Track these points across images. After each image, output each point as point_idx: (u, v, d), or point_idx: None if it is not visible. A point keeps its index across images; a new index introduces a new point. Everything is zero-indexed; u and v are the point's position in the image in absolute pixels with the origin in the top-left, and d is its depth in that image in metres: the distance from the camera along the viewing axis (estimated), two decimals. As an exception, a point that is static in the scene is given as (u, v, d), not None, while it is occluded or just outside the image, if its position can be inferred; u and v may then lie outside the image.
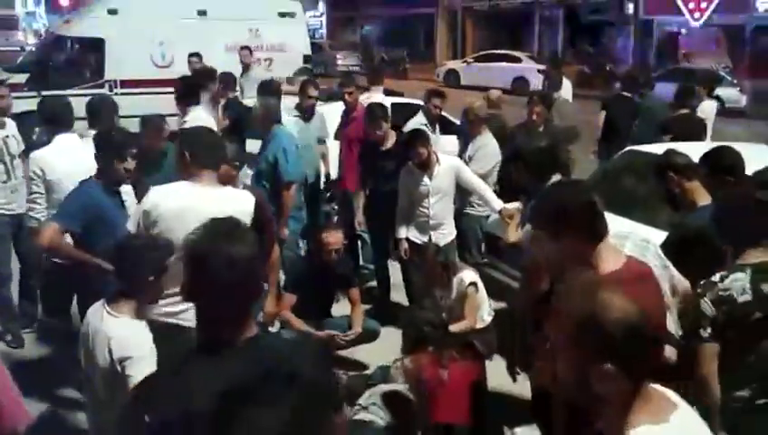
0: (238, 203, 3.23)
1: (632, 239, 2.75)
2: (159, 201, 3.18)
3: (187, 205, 3.07)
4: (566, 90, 9.13)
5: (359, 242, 6.57)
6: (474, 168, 5.71)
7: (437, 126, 6.65)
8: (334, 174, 7.00)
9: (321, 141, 6.90)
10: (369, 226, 6.09)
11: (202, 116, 6.00)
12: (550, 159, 3.39)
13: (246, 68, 10.35)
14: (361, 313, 5.01)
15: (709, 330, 2.64)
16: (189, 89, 6.31)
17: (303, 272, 5.02)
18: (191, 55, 9.89)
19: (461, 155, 6.07)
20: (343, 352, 4.96)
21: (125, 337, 2.64)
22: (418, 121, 6.34)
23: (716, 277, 2.70)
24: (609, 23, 27.87)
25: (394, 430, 4.20)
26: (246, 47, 10.90)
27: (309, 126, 6.59)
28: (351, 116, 6.72)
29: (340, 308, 5.23)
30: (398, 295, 5.89)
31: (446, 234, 5.33)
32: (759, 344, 2.64)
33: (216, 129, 5.19)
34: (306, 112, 6.59)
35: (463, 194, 5.73)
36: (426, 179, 5.23)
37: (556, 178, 3.35)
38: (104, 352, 2.65)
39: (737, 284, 2.64)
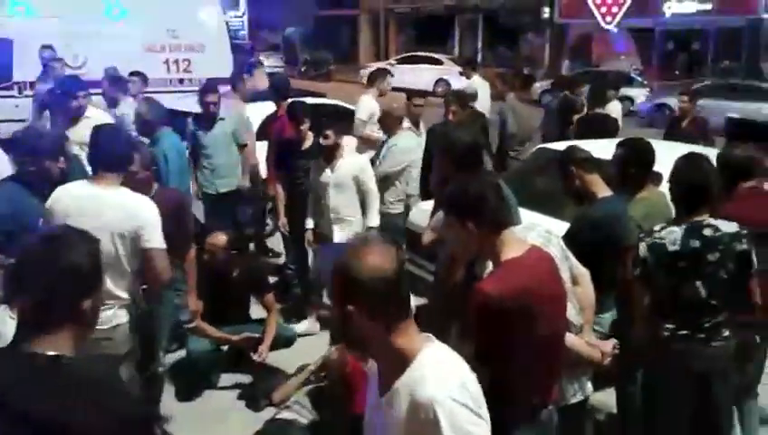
0: (126, 208, 3.30)
1: (537, 231, 2.88)
2: (56, 199, 3.35)
3: (71, 205, 3.28)
4: (484, 91, 9.34)
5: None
6: (383, 167, 5.80)
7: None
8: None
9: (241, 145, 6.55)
10: (290, 225, 6.07)
11: (99, 115, 5.82)
12: (469, 155, 3.46)
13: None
14: (276, 318, 4.95)
15: (639, 269, 3.22)
16: None
17: (207, 276, 4.74)
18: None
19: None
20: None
21: None
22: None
23: (657, 227, 3.23)
24: (526, 26, 28.67)
25: (317, 426, 4.22)
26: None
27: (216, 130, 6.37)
28: (276, 116, 6.68)
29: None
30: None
31: (351, 228, 5.30)
32: (681, 286, 3.15)
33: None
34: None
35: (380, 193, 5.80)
36: (328, 172, 5.31)
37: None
38: None
39: (671, 235, 3.15)
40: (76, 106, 5.93)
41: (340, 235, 5.26)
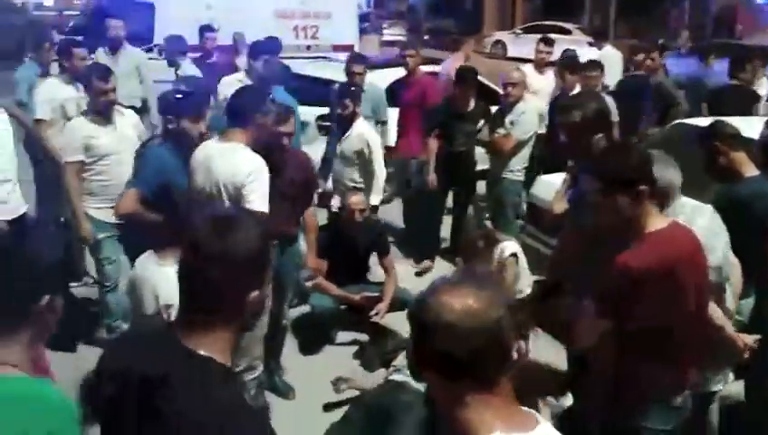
0: (234, 165, 3.36)
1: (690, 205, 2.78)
2: (193, 158, 3.58)
3: (199, 163, 3.51)
4: (616, 62, 8.95)
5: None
6: (516, 133, 5.81)
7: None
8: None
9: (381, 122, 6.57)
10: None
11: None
12: (598, 123, 3.32)
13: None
14: (395, 280, 5.03)
15: None
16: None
17: (332, 236, 5.00)
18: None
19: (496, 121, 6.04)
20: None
21: (171, 286, 2.73)
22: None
23: None
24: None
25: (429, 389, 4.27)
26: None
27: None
28: (412, 80, 6.72)
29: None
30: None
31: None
32: None
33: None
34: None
35: (500, 159, 5.82)
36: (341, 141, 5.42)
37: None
38: (151, 300, 2.77)
39: None
40: None
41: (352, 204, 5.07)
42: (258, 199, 3.28)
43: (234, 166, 3.32)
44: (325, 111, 6.90)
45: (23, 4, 48.05)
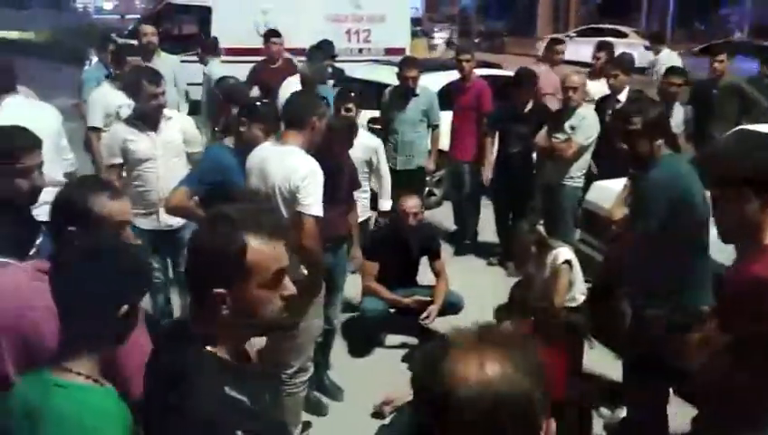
0: (287, 168, 3.33)
1: None
2: (249, 159, 3.55)
3: (254, 165, 3.50)
4: (673, 63, 8.73)
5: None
6: (578, 138, 5.69)
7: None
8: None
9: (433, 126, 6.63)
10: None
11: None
12: (662, 128, 3.23)
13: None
14: (446, 284, 5.01)
15: None
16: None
17: (384, 239, 5.04)
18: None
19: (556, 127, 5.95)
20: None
21: None
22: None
23: None
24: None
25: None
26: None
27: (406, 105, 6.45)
28: (467, 85, 6.70)
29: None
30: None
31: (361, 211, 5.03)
32: None
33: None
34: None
35: (560, 165, 5.74)
36: None
37: (665, 150, 3.20)
38: None
39: None
40: None
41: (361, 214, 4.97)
42: (313, 203, 3.29)
43: (289, 169, 3.32)
44: (376, 113, 6.93)
45: (84, 7, 49.73)
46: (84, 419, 1.62)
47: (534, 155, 6.23)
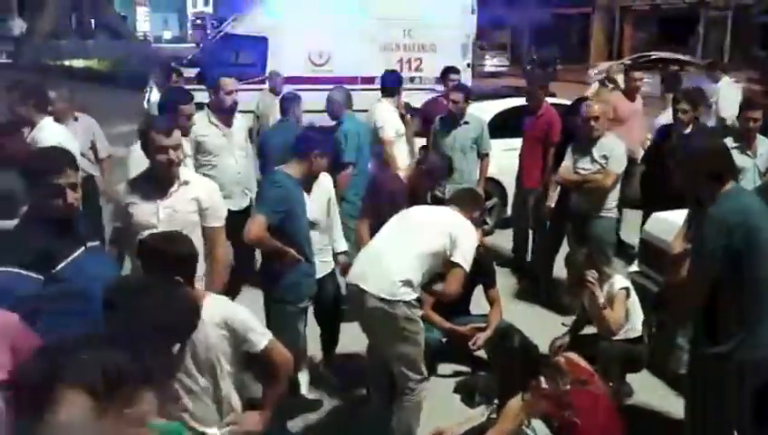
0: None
1: None
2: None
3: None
4: (733, 95, 8.57)
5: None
6: (614, 168, 5.58)
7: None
8: None
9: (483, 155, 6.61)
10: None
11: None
12: (724, 161, 3.16)
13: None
14: (499, 312, 4.97)
15: None
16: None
17: None
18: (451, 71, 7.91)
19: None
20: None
21: None
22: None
23: None
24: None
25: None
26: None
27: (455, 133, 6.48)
28: (537, 115, 6.71)
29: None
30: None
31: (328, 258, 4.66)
32: None
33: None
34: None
35: (592, 197, 5.62)
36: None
37: (730, 184, 3.12)
38: None
39: None
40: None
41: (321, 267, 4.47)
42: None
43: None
44: (423, 141, 7.17)
45: (144, 36, 51.52)
46: None
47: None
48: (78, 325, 2.44)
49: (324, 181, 4.38)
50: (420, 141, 7.23)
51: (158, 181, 3.49)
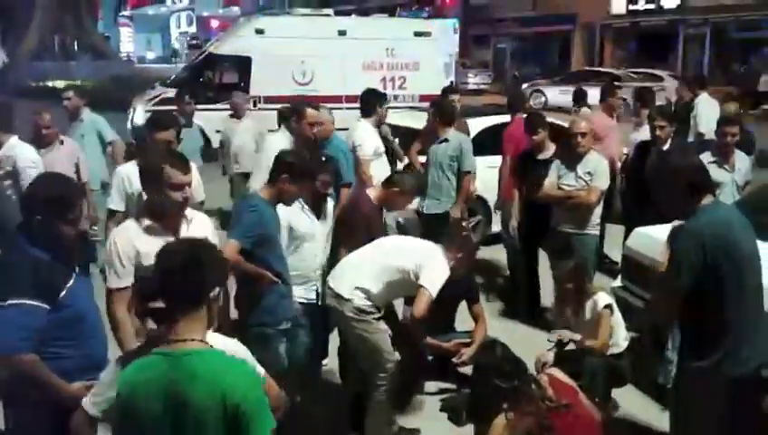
0: None
1: None
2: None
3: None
4: (711, 110, 8.66)
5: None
6: (600, 184, 5.62)
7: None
8: None
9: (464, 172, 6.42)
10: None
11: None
12: (701, 176, 3.19)
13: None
14: (484, 328, 4.96)
15: None
16: None
17: None
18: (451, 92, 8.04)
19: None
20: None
21: None
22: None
23: None
24: (761, 40, 26.16)
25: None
26: None
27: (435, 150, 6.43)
28: (511, 130, 6.87)
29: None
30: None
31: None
32: None
33: None
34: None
35: (575, 214, 5.63)
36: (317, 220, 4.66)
37: (708, 199, 3.15)
38: None
39: None
40: None
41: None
42: None
43: None
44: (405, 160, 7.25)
45: (128, 57, 51.37)
46: (231, 364, 2.08)
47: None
48: (78, 347, 2.84)
49: (329, 207, 4.73)
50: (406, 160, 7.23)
51: (167, 218, 3.23)
